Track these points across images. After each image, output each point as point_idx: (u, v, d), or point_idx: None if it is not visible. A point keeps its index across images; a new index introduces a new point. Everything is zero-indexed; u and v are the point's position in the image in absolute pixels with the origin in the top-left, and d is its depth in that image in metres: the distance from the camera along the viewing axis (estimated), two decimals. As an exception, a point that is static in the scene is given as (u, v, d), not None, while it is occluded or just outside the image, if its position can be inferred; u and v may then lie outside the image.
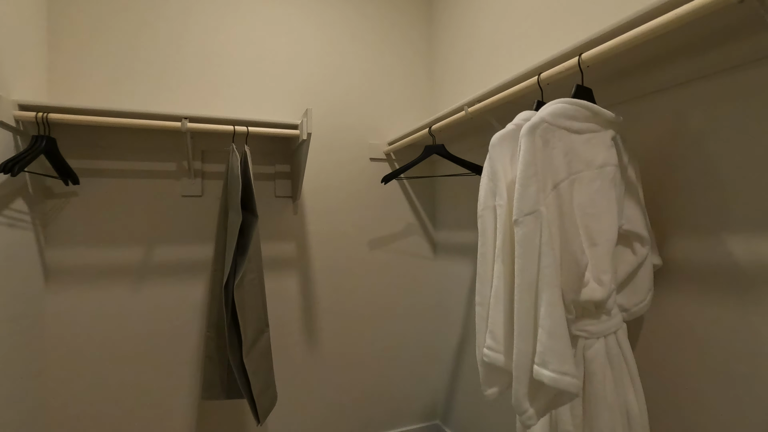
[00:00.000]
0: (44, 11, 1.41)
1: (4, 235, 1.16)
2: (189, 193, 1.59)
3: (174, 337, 1.55)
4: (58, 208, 1.44)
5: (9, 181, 1.19)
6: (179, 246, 1.58)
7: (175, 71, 1.60)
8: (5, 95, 1.15)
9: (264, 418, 1.31)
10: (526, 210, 0.74)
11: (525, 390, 0.73)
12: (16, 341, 1.22)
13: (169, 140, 1.55)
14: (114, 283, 1.49)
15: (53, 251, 1.43)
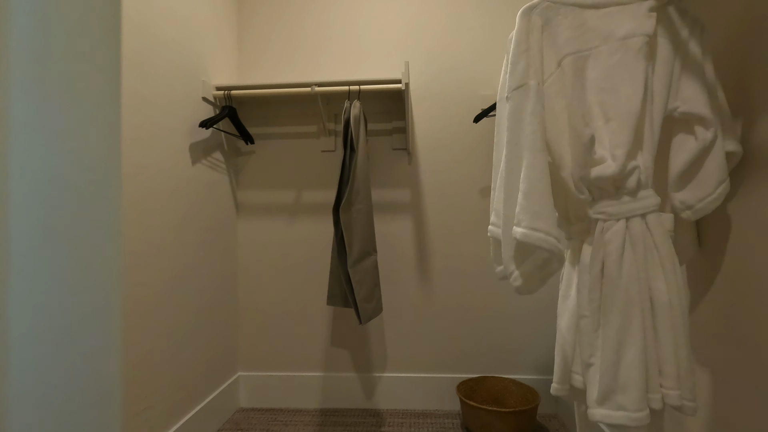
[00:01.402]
0: (236, 12, 2.03)
1: (211, 175, 1.77)
2: (325, 149, 2.02)
3: (315, 258, 2.00)
4: (244, 162, 2.05)
5: (211, 138, 1.80)
6: (319, 190, 2.01)
7: (326, 45, 2.03)
8: (208, 81, 1.76)
9: (365, 321, 1.59)
10: (515, 85, 0.78)
11: (511, 253, 0.78)
12: (223, 250, 1.83)
13: (311, 107, 2.00)
14: (277, 217, 2.03)
15: (241, 192, 2.05)
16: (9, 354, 1.18)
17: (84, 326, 1.25)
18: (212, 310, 1.77)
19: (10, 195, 1.21)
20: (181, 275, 1.54)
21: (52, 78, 1.28)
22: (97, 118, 1.24)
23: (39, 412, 1.22)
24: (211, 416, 1.73)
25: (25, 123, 1.27)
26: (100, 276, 1.28)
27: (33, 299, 1.28)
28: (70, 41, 1.29)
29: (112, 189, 1.23)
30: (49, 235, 1.31)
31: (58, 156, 1.26)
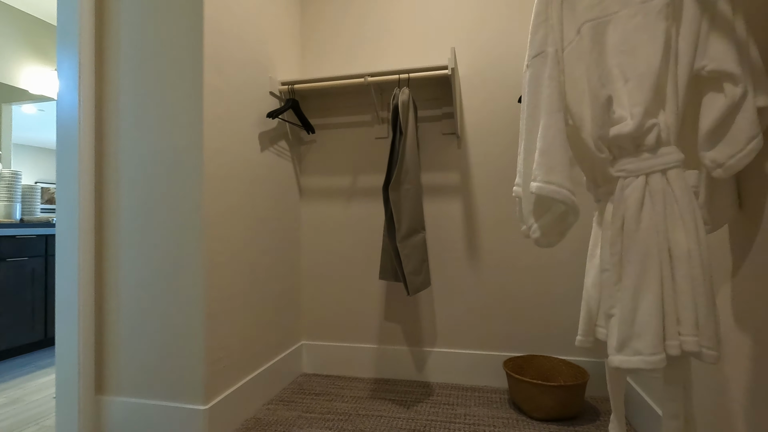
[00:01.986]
0: (299, 11, 2.24)
1: (277, 161, 1.99)
2: (379, 136, 2.16)
3: (370, 237, 2.15)
4: (306, 150, 2.26)
5: (277, 128, 2.02)
6: (373, 174, 2.16)
7: (380, 38, 2.18)
8: (274, 77, 1.98)
9: (413, 292, 1.70)
10: (534, 53, 0.85)
11: (530, 207, 0.85)
12: (290, 228, 2.05)
13: (365, 97, 2.16)
14: (335, 200, 2.21)
15: (304, 178, 2.26)
16: (121, 299, 1.48)
17: (176, 279, 1.52)
18: (278, 282, 1.99)
19: (121, 170, 1.51)
20: (252, 249, 1.76)
21: (150, 78, 1.58)
22: (184, 109, 1.49)
23: (144, 344, 1.51)
24: (278, 376, 1.94)
25: (131, 115, 1.59)
26: (187, 239, 1.55)
27: (139, 254, 1.59)
28: (162, 47, 1.57)
29: (196, 168, 1.47)
30: (149, 202, 1.62)
31: (155, 141, 1.55)
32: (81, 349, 1.51)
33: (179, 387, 1.48)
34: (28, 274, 2.60)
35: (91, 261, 1.55)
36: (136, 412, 1.51)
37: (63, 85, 1.54)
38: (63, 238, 1.53)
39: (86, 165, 1.54)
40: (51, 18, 3.30)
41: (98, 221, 1.58)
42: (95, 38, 1.58)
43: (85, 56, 1.54)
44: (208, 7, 1.50)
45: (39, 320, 2.66)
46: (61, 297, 1.53)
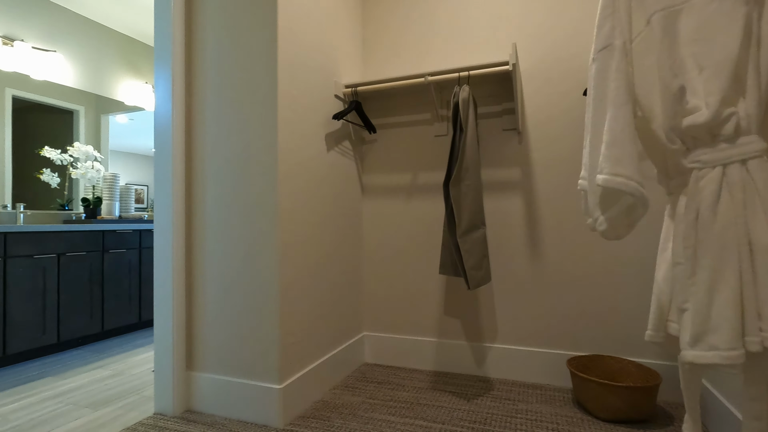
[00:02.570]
0: (360, 15, 2.34)
1: (341, 160, 2.10)
2: (438, 134, 2.20)
3: (429, 232, 2.20)
4: (368, 149, 2.36)
5: (341, 129, 2.13)
6: (432, 172, 2.20)
7: (439, 37, 2.23)
8: (338, 80, 2.09)
9: (474, 287, 1.73)
10: (600, 46, 0.86)
11: (596, 200, 0.86)
12: (352, 224, 2.16)
13: (425, 96, 2.21)
14: (395, 197, 2.28)
15: (365, 176, 2.35)
16: (206, 287, 1.66)
17: (253, 269, 1.67)
18: (342, 276, 2.11)
19: (206, 170, 1.69)
20: (319, 244, 1.89)
21: (230, 88, 1.75)
22: (260, 114, 1.63)
23: (226, 327, 1.67)
24: (341, 364, 2.05)
25: (215, 121, 1.76)
26: (263, 233, 1.70)
27: (221, 247, 1.77)
28: (241, 60, 1.73)
29: (271, 167, 1.61)
30: (230, 199, 1.79)
31: (235, 143, 1.72)
32: (174, 330, 1.71)
33: (257, 367, 1.63)
34: (125, 264, 2.95)
35: (183, 253, 1.75)
36: (220, 387, 1.68)
37: (159, 98, 1.75)
38: (160, 232, 1.74)
39: (178, 167, 1.74)
40: (142, 37, 3.69)
41: (188, 217, 1.77)
42: (185, 57, 1.78)
43: (177, 73, 1.74)
44: (281, 20, 1.63)
45: (135, 305, 3.01)
46: (158, 284, 1.74)
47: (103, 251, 2.81)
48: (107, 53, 3.47)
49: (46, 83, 3.02)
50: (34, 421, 1.68)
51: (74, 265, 2.63)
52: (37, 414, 1.75)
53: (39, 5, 3.00)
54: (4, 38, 2.78)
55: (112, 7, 3.18)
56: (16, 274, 2.34)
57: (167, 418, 1.68)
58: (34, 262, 2.43)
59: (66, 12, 3.17)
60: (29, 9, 2.94)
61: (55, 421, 1.68)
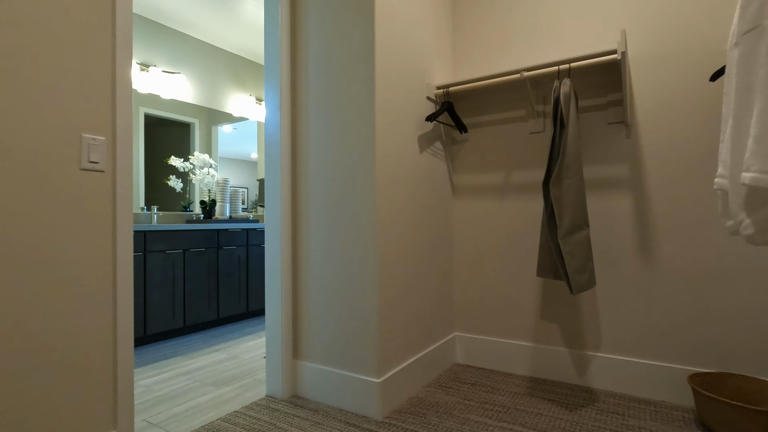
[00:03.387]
0: (450, 16, 2.34)
1: (433, 161, 2.13)
2: (534, 131, 2.11)
3: (524, 233, 2.13)
4: (458, 149, 2.34)
5: (433, 130, 2.15)
6: (527, 170, 2.13)
7: (533, 30, 2.15)
8: (430, 82, 2.11)
9: (577, 292, 1.64)
10: (745, 29, 0.76)
11: (740, 200, 0.77)
12: (444, 224, 2.18)
13: (520, 92, 2.13)
14: (487, 196, 2.25)
15: (456, 176, 2.35)
16: (310, 282, 1.78)
17: (354, 267, 1.77)
18: (434, 276, 2.13)
19: (310, 175, 1.81)
20: (413, 243, 1.93)
21: (329, 94, 1.85)
22: (359, 120, 1.71)
23: (328, 321, 1.78)
24: (434, 363, 2.08)
25: (317, 129, 1.89)
26: (363, 232, 1.78)
27: (324, 245, 1.89)
28: (341, 70, 1.83)
29: (370, 170, 1.68)
30: (332, 200, 1.90)
31: (336, 148, 1.83)
32: (283, 322, 1.87)
33: (357, 360, 1.72)
34: (236, 259, 3.29)
35: (289, 251, 1.91)
36: (323, 376, 1.81)
37: (269, 111, 1.93)
38: (270, 233, 1.92)
39: (285, 173, 1.89)
40: (247, 54, 4.08)
41: (293, 218, 1.93)
42: (290, 71, 1.93)
43: (284, 86, 1.90)
44: (378, 28, 1.70)
45: (243, 296, 3.35)
46: (269, 281, 1.92)
47: (217, 248, 3.16)
48: (218, 70, 3.88)
49: (171, 101, 3.48)
50: (171, 393, 1.95)
51: (195, 259, 3.00)
52: (173, 387, 2.03)
53: (168, 34, 3.46)
54: (141, 65, 3.26)
55: (223, 30, 3.56)
56: (153, 267, 2.74)
57: (277, 401, 1.84)
58: (166, 257, 2.82)
59: (188, 38, 3.61)
60: (160, 38, 3.41)
61: (188, 395, 1.93)
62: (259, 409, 1.76)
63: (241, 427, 1.60)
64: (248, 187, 4.19)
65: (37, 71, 1.12)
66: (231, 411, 1.75)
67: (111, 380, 1.28)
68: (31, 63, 1.11)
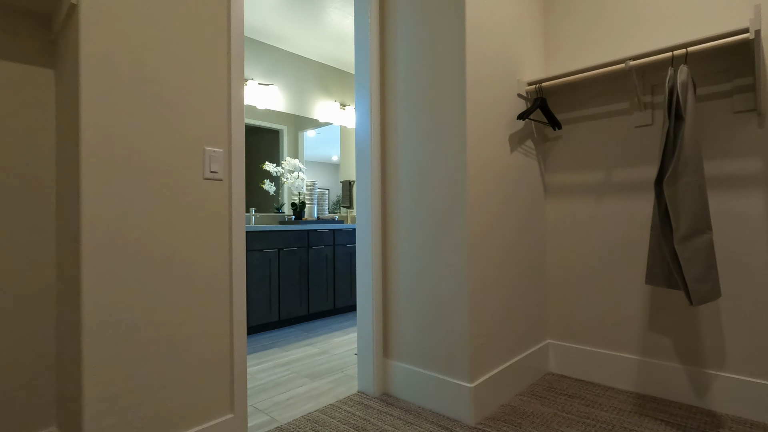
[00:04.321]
0: (541, 6, 2.23)
1: (524, 161, 2.04)
2: (640, 124, 1.93)
3: (628, 236, 1.95)
4: (551, 147, 2.22)
5: (524, 128, 2.06)
6: (632, 168, 1.95)
7: (637, 15, 1.97)
8: (521, 79, 2.03)
9: (698, 303, 1.46)
10: None
11: None
12: (535, 226, 2.08)
13: (622, 83, 1.96)
14: (584, 197, 2.10)
15: (548, 175, 2.23)
16: (400, 282, 1.80)
17: (445, 269, 1.75)
18: (525, 280, 2.04)
19: (399, 178, 1.83)
20: (503, 245, 1.87)
21: (420, 95, 1.85)
22: (450, 123, 1.70)
23: (418, 321, 1.79)
24: (526, 370, 1.99)
25: (405, 133, 1.90)
26: (453, 234, 1.76)
27: (413, 247, 1.89)
28: (429, 68, 1.82)
29: (461, 172, 1.66)
30: (421, 202, 1.91)
31: (425, 152, 1.83)
32: (374, 321, 1.93)
33: (448, 363, 1.71)
34: (323, 258, 3.46)
35: (380, 253, 1.96)
36: (414, 377, 1.83)
37: (359, 116, 2.00)
38: (361, 236, 1.99)
39: (375, 176, 1.95)
40: (332, 62, 4.26)
41: (383, 220, 1.98)
42: (380, 75, 1.98)
43: (374, 92, 1.95)
44: (470, 28, 1.68)
45: (330, 294, 3.51)
46: (360, 281, 1.99)
47: (308, 247, 3.35)
48: (306, 79, 4.11)
49: (265, 111, 3.76)
50: (272, 383, 2.12)
51: (288, 258, 3.21)
52: (273, 377, 2.20)
53: (263, 49, 3.75)
54: (240, 79, 3.57)
55: (311, 41, 3.76)
56: (253, 264, 2.98)
57: (369, 397, 1.90)
58: (264, 255, 3.05)
59: (280, 51, 3.88)
60: (257, 53, 3.70)
61: (287, 385, 2.08)
62: (352, 404, 1.84)
63: (338, 420, 1.68)
64: (329, 188, 4.37)
65: (170, 94, 1.29)
66: (327, 404, 1.85)
67: (228, 367, 1.42)
68: (166, 87, 1.28)
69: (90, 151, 1.13)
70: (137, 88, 1.22)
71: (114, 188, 1.17)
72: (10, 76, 1.34)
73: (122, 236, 1.19)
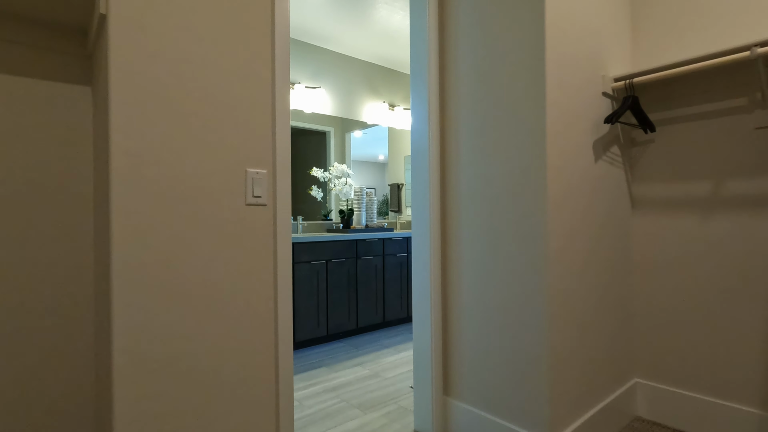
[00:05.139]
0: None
1: (607, 170, 1.74)
2: (761, 125, 1.56)
3: (745, 260, 1.60)
4: (640, 153, 1.89)
5: (609, 132, 1.75)
6: (752, 179, 1.59)
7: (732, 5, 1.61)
8: (606, 74, 1.72)
9: None
10: None
11: None
12: (621, 246, 1.78)
13: (739, 76, 1.60)
14: (683, 212, 1.76)
15: (637, 186, 1.90)
16: (462, 313, 1.51)
17: (517, 299, 1.47)
18: (611, 311, 1.74)
19: (461, 188, 1.55)
20: (583, 269, 1.59)
21: (488, 97, 1.55)
22: (525, 132, 1.43)
23: (484, 360, 1.51)
24: (611, 416, 1.70)
25: (469, 136, 1.60)
26: (529, 261, 1.47)
27: (479, 273, 1.59)
28: (500, 66, 1.52)
29: (539, 187, 1.39)
30: (490, 222, 1.60)
31: (494, 162, 1.54)
32: (433, 353, 1.72)
33: (522, 410, 1.47)
34: (372, 269, 3.29)
35: (439, 273, 1.74)
36: (479, 422, 1.60)
37: (415, 119, 1.78)
38: (418, 251, 1.78)
39: (434, 186, 1.73)
40: (381, 61, 4.07)
41: (443, 236, 1.75)
42: (438, 77, 1.75)
43: (433, 94, 1.73)
44: (549, 20, 1.41)
45: (380, 306, 3.33)
46: (417, 304, 1.78)
47: (356, 258, 3.19)
48: (353, 80, 3.95)
49: (312, 114, 3.64)
50: (321, 413, 1.96)
51: (337, 269, 3.07)
52: (322, 406, 2.04)
53: (309, 50, 3.62)
54: (287, 83, 3.46)
55: (358, 40, 3.58)
56: (301, 277, 2.86)
57: (427, 439, 1.70)
58: (312, 267, 2.92)
59: (327, 52, 3.74)
60: (303, 55, 3.58)
61: (337, 417, 1.92)
62: (409, 448, 1.64)
63: (393, 470, 1.49)
64: (376, 187, 4.20)
65: (208, 111, 1.14)
66: (380, 445, 1.66)
67: (274, 398, 1.27)
68: (204, 103, 1.13)
69: (120, 178, 1.00)
70: (172, 106, 1.08)
71: (144, 219, 1.04)
72: (46, 94, 1.26)
73: (153, 268, 1.05)
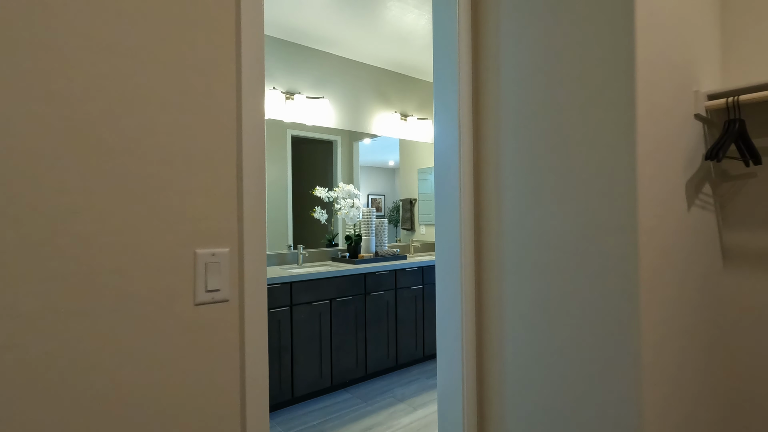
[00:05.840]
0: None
1: (700, 216, 1.30)
2: None
3: None
4: (734, 190, 1.44)
5: (701, 168, 1.32)
6: None
7: None
8: (699, 89, 1.28)
9: None
10: None
11: None
12: (707, 308, 1.34)
13: None
14: (802, 272, 1.31)
15: (730, 233, 1.45)
16: (505, 372, 1.00)
17: (588, 374, 0.98)
18: (705, 396, 1.30)
19: (505, 250, 1.04)
20: (674, 346, 1.15)
21: (545, 124, 1.04)
22: (609, 166, 0.98)
23: None
24: None
25: (518, 184, 1.06)
26: (606, 340, 0.95)
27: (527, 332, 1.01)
28: (570, 80, 1.01)
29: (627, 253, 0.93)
30: (556, 302, 1.03)
31: (558, 213, 1.03)
32: (465, 422, 1.30)
33: None
34: (383, 306, 2.88)
35: (473, 328, 1.32)
36: None
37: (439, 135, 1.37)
38: (444, 311, 1.36)
39: (466, 226, 1.31)
40: (390, 65, 3.66)
41: (477, 288, 1.33)
42: (471, 96, 1.33)
43: (465, 119, 1.31)
44: (640, 32, 0.98)
45: (392, 348, 2.92)
46: (443, 374, 1.36)
47: (365, 294, 2.78)
48: (361, 88, 3.54)
49: (314, 127, 3.24)
50: None
51: (342, 309, 2.66)
52: (322, 503, 1.64)
53: (311, 55, 3.22)
54: (286, 94, 3.06)
55: (365, 43, 3.18)
56: (300, 320, 2.46)
57: None
58: (312, 309, 2.52)
59: (330, 57, 3.34)
60: (304, 61, 3.18)
61: None
62: None
63: None
64: (385, 194, 3.81)
65: (133, 166, 0.73)
66: None
67: None
68: (125, 155, 0.72)
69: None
70: (57, 152, 0.67)
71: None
72: None
73: None
